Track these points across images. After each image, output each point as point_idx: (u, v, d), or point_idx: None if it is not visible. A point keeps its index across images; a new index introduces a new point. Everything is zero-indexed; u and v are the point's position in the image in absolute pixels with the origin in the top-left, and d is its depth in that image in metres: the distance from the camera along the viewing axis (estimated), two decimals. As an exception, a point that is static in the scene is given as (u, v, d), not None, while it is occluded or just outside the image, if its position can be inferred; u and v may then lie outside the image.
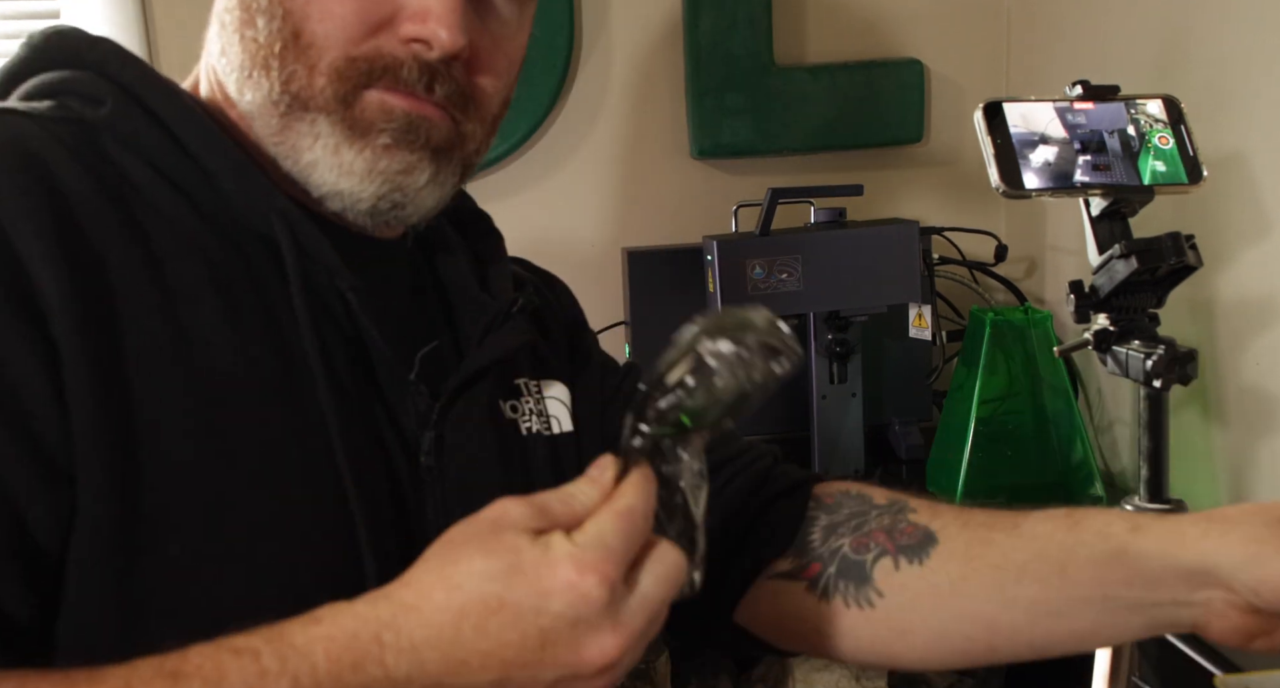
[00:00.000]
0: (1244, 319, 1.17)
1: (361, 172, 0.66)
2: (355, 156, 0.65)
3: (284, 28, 0.65)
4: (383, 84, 0.65)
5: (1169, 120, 0.98)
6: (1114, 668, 0.98)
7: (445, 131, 0.68)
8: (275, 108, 0.66)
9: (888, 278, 1.35)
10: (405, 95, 0.66)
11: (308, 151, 0.66)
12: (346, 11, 0.64)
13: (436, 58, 0.65)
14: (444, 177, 0.69)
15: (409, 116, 0.66)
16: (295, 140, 0.66)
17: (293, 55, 0.65)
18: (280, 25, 0.65)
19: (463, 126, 0.69)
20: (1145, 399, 0.95)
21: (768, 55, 1.61)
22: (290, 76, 0.65)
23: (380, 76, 0.65)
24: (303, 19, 0.65)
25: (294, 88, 0.65)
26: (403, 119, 0.66)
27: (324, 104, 0.65)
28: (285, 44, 0.65)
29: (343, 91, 0.65)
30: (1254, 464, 1.16)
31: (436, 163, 0.68)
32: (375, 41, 0.65)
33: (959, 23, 1.68)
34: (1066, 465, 1.29)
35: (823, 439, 1.43)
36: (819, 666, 1.32)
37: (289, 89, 0.65)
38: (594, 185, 1.65)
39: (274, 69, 0.65)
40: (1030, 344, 1.30)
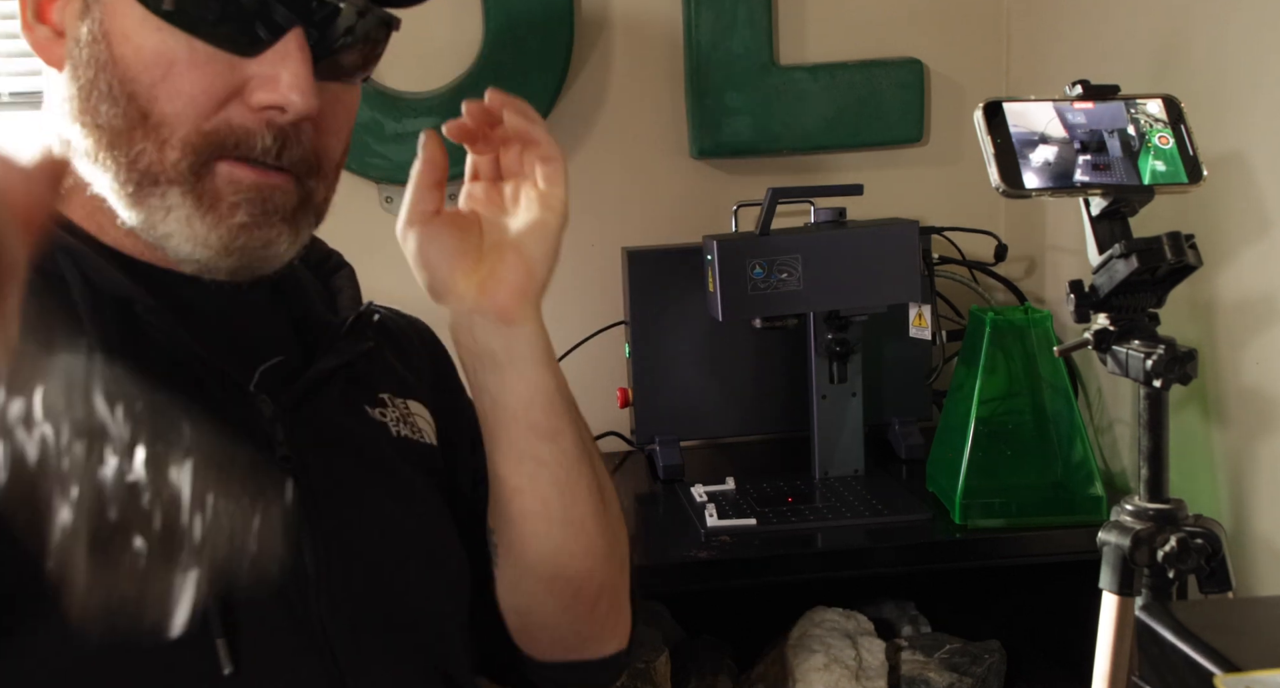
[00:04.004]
0: (1244, 319, 1.17)
1: (218, 247, 0.68)
2: (209, 231, 0.67)
3: (130, 110, 0.66)
4: (235, 154, 0.67)
5: (1169, 120, 0.98)
6: (1114, 667, 0.98)
7: (295, 197, 0.70)
8: (125, 187, 0.67)
9: (888, 278, 1.35)
10: (252, 167, 0.68)
11: (161, 224, 0.67)
12: (196, 90, 0.66)
13: (289, 122, 0.68)
14: (303, 234, 0.72)
15: (258, 188, 0.68)
16: (148, 215, 0.67)
17: (141, 134, 0.66)
18: (126, 108, 0.66)
19: (308, 186, 0.72)
20: (1145, 399, 0.95)
21: (768, 55, 1.61)
22: (139, 154, 0.66)
23: (233, 148, 0.67)
24: (150, 101, 0.66)
25: (142, 164, 0.66)
26: (252, 191, 0.68)
27: (175, 177, 0.66)
28: (134, 125, 0.66)
29: (194, 164, 0.66)
30: (1254, 464, 1.16)
31: (293, 227, 0.71)
32: (225, 114, 0.67)
33: (959, 23, 1.68)
34: (1066, 465, 1.29)
35: (823, 439, 1.43)
36: (818, 665, 1.32)
37: (137, 166, 0.66)
38: (594, 185, 1.65)
39: (118, 149, 0.67)
40: (1030, 344, 1.30)
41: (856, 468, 1.44)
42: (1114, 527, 0.96)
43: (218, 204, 0.67)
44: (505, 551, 0.82)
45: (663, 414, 1.51)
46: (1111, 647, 0.97)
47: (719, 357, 1.52)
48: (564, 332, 1.62)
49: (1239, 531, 1.17)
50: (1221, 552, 0.93)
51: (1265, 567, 1.15)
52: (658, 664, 1.34)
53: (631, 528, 1.36)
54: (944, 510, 1.30)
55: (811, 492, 1.39)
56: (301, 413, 0.73)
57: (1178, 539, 0.92)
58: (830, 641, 1.37)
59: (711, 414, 1.53)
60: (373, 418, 0.80)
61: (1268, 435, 1.14)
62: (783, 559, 1.22)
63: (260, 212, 0.68)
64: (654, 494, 1.45)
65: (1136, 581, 0.95)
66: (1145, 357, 0.92)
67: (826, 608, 1.43)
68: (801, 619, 1.41)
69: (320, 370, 0.75)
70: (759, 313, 1.35)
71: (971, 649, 1.41)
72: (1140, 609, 0.68)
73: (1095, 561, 0.97)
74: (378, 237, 1.63)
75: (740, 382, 1.53)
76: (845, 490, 1.38)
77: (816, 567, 1.25)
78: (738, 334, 1.50)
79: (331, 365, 0.76)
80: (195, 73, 0.66)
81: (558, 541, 0.81)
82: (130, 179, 0.67)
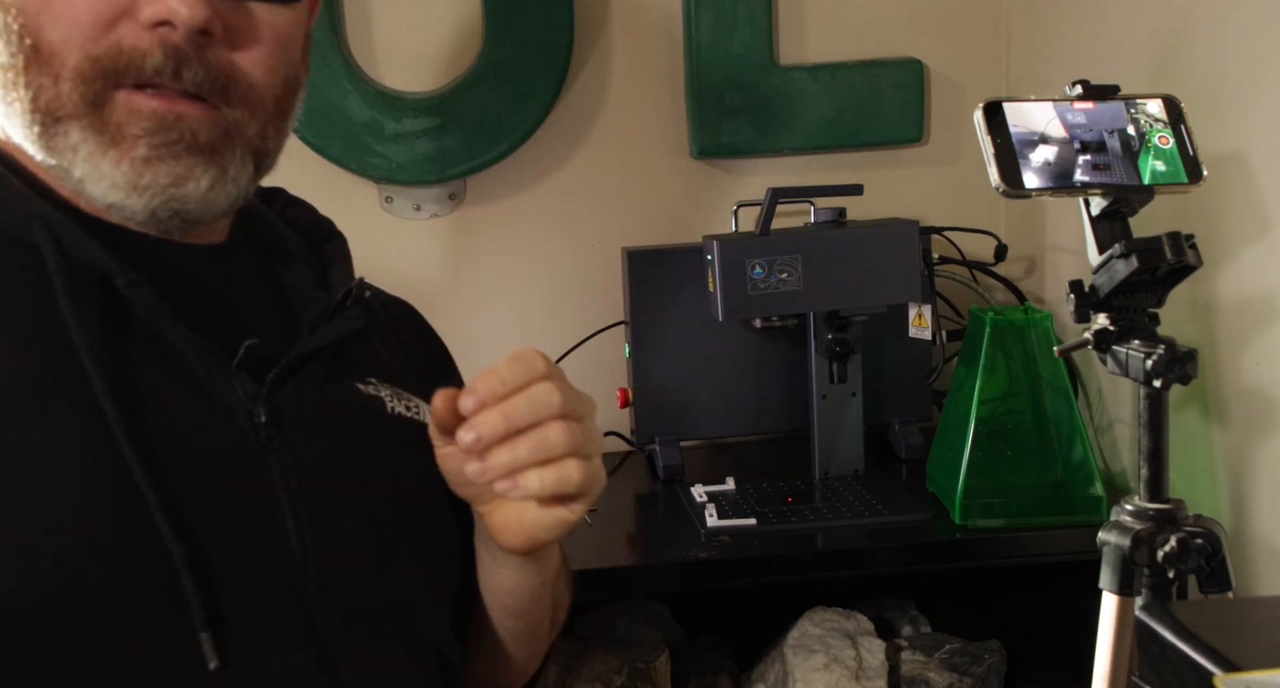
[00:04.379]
0: (1244, 319, 1.17)
1: (125, 185, 0.64)
2: (113, 168, 0.64)
3: (22, 45, 0.63)
4: (129, 80, 0.63)
5: (1169, 120, 0.98)
6: (1114, 667, 0.98)
7: (208, 126, 0.65)
8: (32, 129, 0.64)
9: (888, 278, 1.35)
10: (153, 94, 0.64)
11: (73, 167, 0.64)
12: (78, 11, 0.62)
13: (182, 37, 0.63)
14: (233, 172, 0.67)
15: (159, 117, 0.64)
16: (59, 159, 0.64)
17: (36, 69, 0.63)
18: (18, 43, 0.63)
19: (227, 114, 0.66)
20: (1145, 399, 0.95)
21: (768, 55, 1.61)
22: (38, 91, 0.63)
23: (125, 72, 0.63)
24: (37, 30, 0.63)
25: (42, 101, 0.63)
26: (153, 120, 0.63)
27: (72, 110, 0.63)
28: (28, 59, 0.63)
29: (90, 95, 0.63)
30: (1254, 464, 1.16)
31: (215, 163, 0.66)
32: (114, 36, 0.63)
33: (959, 23, 1.68)
34: (1066, 465, 1.29)
35: (823, 439, 1.43)
36: (818, 665, 1.32)
37: (38, 104, 0.63)
38: (594, 185, 1.65)
39: (21, 87, 0.63)
40: (1030, 344, 1.30)
41: (856, 468, 1.44)
42: (1114, 527, 0.96)
43: (120, 139, 0.63)
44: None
45: (663, 414, 1.51)
46: (1111, 647, 0.97)
47: (719, 357, 1.52)
48: (564, 332, 1.62)
49: (1239, 531, 1.17)
50: (1221, 552, 0.93)
51: (1265, 567, 1.15)
52: (658, 664, 1.34)
53: (632, 528, 1.36)
54: (944, 511, 1.30)
55: (811, 492, 1.39)
56: (287, 390, 0.70)
57: (1178, 539, 0.92)
58: (830, 641, 1.37)
59: (711, 414, 1.53)
60: (365, 393, 0.76)
61: (1268, 435, 1.14)
62: (783, 559, 1.22)
63: (163, 143, 0.64)
64: (654, 494, 1.45)
65: (1136, 581, 0.95)
66: (1145, 357, 0.92)
67: (826, 608, 1.43)
68: (801, 619, 1.41)
69: (307, 348, 0.72)
70: (759, 313, 1.35)
71: (971, 649, 1.41)
72: (1140, 609, 0.68)
73: (1095, 561, 0.97)
74: (378, 236, 1.64)
75: (740, 382, 1.53)
76: (845, 490, 1.38)
77: (816, 567, 1.24)
78: (738, 334, 1.50)
79: (320, 344, 0.72)
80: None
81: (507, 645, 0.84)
82: (35, 119, 0.63)
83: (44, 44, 0.62)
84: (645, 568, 1.23)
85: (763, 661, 1.42)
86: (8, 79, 0.64)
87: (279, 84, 0.70)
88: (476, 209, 1.62)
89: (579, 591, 1.03)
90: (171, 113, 0.64)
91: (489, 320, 1.65)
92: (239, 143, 0.67)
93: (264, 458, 0.67)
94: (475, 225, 1.62)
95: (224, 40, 0.66)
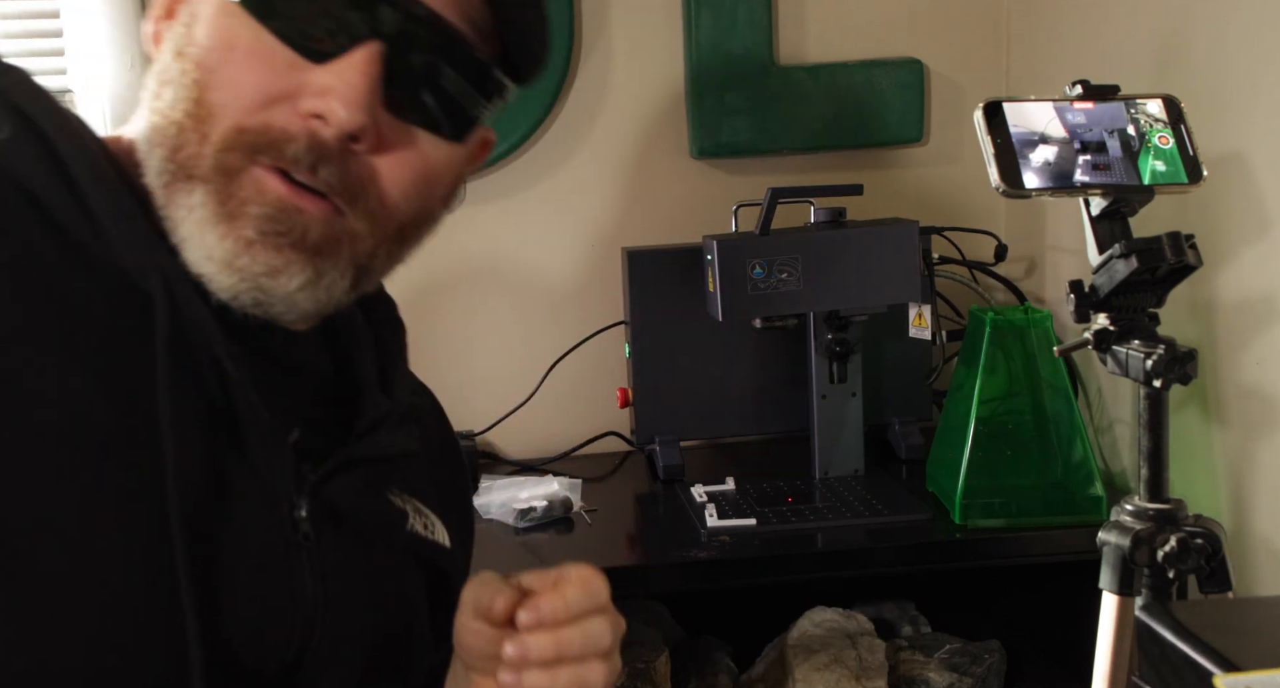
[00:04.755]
0: (1244, 319, 1.17)
1: (220, 261, 0.62)
2: (217, 241, 0.62)
3: (187, 96, 0.63)
4: (268, 158, 0.62)
5: (1169, 120, 0.98)
6: (1114, 667, 0.98)
7: (324, 227, 0.63)
8: (161, 177, 0.63)
9: (888, 278, 1.35)
10: (284, 180, 0.62)
11: (182, 224, 0.62)
12: (247, 81, 0.62)
13: (332, 136, 0.62)
14: (328, 280, 0.64)
15: (280, 204, 0.62)
16: (174, 212, 0.63)
17: (191, 124, 0.62)
18: (186, 94, 0.63)
19: (349, 222, 0.64)
20: (1145, 399, 0.95)
21: (768, 55, 1.61)
22: (182, 145, 0.62)
23: (265, 150, 0.61)
24: (205, 87, 0.62)
25: (181, 157, 0.62)
26: (273, 206, 0.62)
27: (205, 173, 0.62)
28: (187, 113, 0.62)
29: (226, 163, 0.62)
30: (1254, 464, 1.16)
31: (314, 265, 0.63)
32: (270, 113, 0.62)
33: (959, 23, 1.68)
34: (1066, 465, 1.29)
35: (823, 439, 1.43)
36: (819, 665, 1.32)
37: (177, 157, 0.62)
38: (594, 185, 1.65)
39: (171, 137, 0.63)
40: (1030, 344, 1.30)
41: (856, 468, 1.44)
42: (1114, 527, 0.96)
43: (237, 215, 0.62)
44: None
45: (663, 414, 1.51)
46: (1111, 647, 0.97)
47: (719, 357, 1.52)
48: (564, 332, 1.62)
49: (1239, 531, 1.17)
50: (1221, 552, 0.93)
51: (1265, 567, 1.15)
52: (658, 664, 1.34)
53: (632, 528, 1.36)
54: (944, 511, 1.30)
55: (811, 492, 1.39)
56: (329, 487, 0.68)
57: (1178, 539, 0.92)
58: (830, 641, 1.37)
59: (711, 414, 1.53)
60: (394, 505, 0.74)
61: (1268, 435, 1.14)
62: (783, 559, 1.22)
63: (272, 231, 0.62)
64: (654, 494, 1.45)
65: (1136, 581, 0.95)
66: (1145, 357, 0.92)
67: (826, 608, 1.43)
68: (801, 619, 1.41)
69: (358, 454, 0.69)
70: (759, 313, 1.35)
71: (971, 649, 1.41)
72: (1140, 609, 0.68)
73: (1095, 561, 0.97)
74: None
75: (740, 382, 1.53)
76: (845, 491, 1.38)
77: (816, 567, 1.24)
78: (738, 334, 1.50)
79: (371, 454, 0.70)
80: (252, 63, 0.62)
81: None
82: (167, 170, 0.63)
83: (205, 102, 0.62)
84: (645, 568, 1.23)
85: (763, 661, 1.42)
86: (163, 124, 0.63)
87: (411, 211, 0.67)
88: (477, 209, 1.62)
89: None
90: (293, 204, 0.62)
91: (489, 320, 1.65)
92: (347, 253, 0.65)
93: (296, 555, 0.66)
94: (475, 225, 1.62)
95: (373, 150, 0.64)
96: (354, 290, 0.68)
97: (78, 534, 0.57)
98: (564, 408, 1.65)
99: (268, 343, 0.69)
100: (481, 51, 0.67)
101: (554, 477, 1.44)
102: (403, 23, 0.63)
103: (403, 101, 0.65)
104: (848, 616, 1.42)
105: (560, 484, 1.39)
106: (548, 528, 1.32)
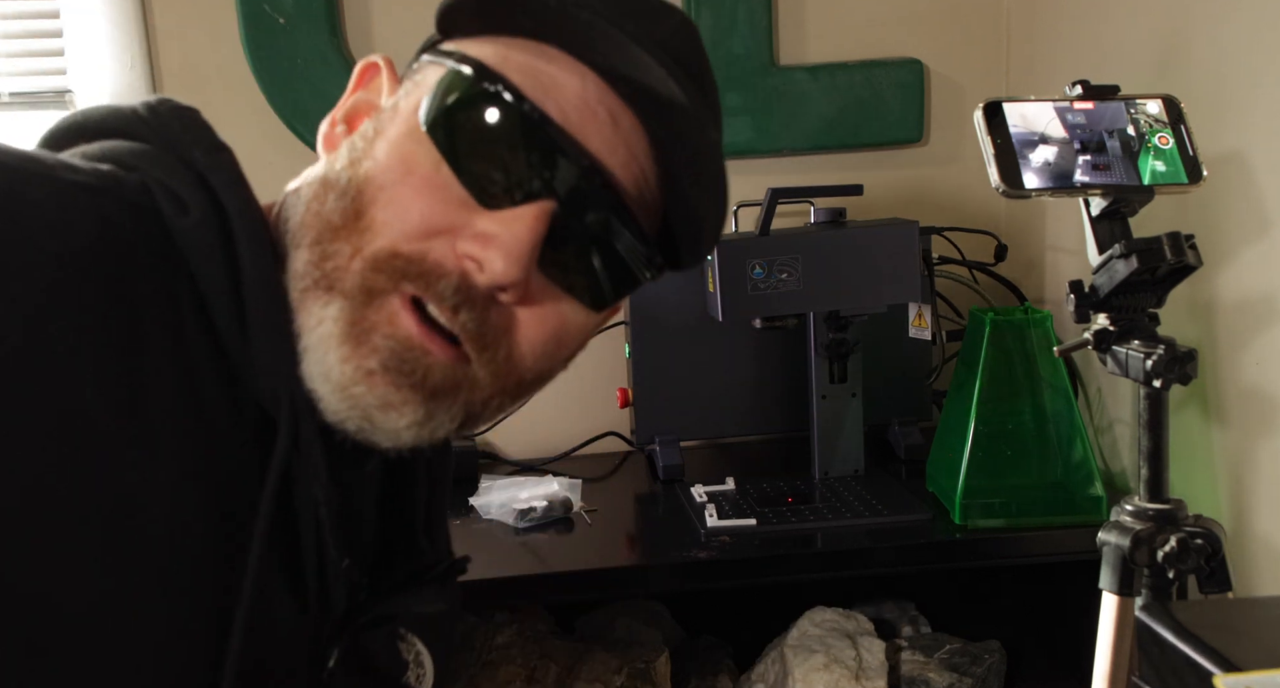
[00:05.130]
0: (1244, 319, 1.17)
1: (337, 383, 0.60)
2: (338, 363, 0.60)
3: (351, 206, 0.61)
4: (414, 287, 0.60)
5: (1169, 120, 0.98)
6: (1114, 667, 0.98)
7: (446, 372, 0.62)
8: (298, 283, 0.61)
9: (888, 278, 1.35)
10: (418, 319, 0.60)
11: (306, 334, 0.61)
12: (415, 207, 0.61)
13: (484, 284, 0.60)
14: (437, 421, 0.63)
15: (409, 342, 0.60)
16: (304, 318, 0.61)
17: (345, 234, 0.61)
18: (350, 203, 0.61)
19: (473, 370, 0.63)
20: (1145, 399, 0.95)
21: (768, 55, 1.61)
22: (331, 254, 0.61)
23: (415, 278, 0.60)
24: (369, 203, 0.61)
25: (329, 266, 0.61)
26: (401, 342, 0.60)
27: (347, 288, 0.60)
28: (345, 222, 0.61)
29: (371, 282, 0.60)
30: (1254, 464, 1.16)
31: (427, 406, 0.62)
32: (428, 244, 0.60)
33: (959, 23, 1.68)
34: (1066, 465, 1.29)
35: (823, 439, 1.43)
36: (818, 665, 1.32)
37: (323, 265, 0.61)
38: (594, 185, 1.64)
39: (323, 243, 0.61)
40: (1030, 344, 1.30)
41: (856, 468, 1.44)
42: (1114, 527, 0.96)
43: (363, 340, 0.60)
44: None
45: (663, 414, 1.51)
46: (1111, 647, 0.97)
47: (719, 357, 1.52)
48: (564, 332, 1.62)
49: (1239, 531, 1.17)
50: (1221, 552, 0.93)
51: (1265, 567, 1.15)
52: (658, 664, 1.34)
53: (632, 528, 1.36)
54: (944, 511, 1.30)
55: (811, 492, 1.39)
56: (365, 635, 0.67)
57: (1178, 539, 0.92)
58: (830, 641, 1.37)
59: (711, 414, 1.53)
60: (401, 654, 0.74)
61: (1268, 435, 1.14)
62: (783, 559, 1.22)
63: (395, 367, 0.60)
64: (654, 494, 1.45)
65: (1136, 581, 0.95)
66: (1145, 357, 0.92)
67: (826, 608, 1.43)
68: (801, 619, 1.41)
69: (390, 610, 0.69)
70: (759, 313, 1.35)
71: (971, 649, 1.41)
72: (1140, 609, 0.68)
73: (1095, 561, 0.97)
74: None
75: (740, 382, 1.53)
76: (845, 491, 1.38)
77: (816, 567, 1.24)
78: (738, 334, 1.50)
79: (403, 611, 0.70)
80: (425, 191, 0.61)
81: None
82: (309, 274, 0.61)
83: (368, 216, 0.61)
84: (645, 568, 1.23)
85: (763, 661, 1.42)
86: (314, 230, 0.62)
87: (536, 370, 0.66)
88: (476, 209, 1.61)
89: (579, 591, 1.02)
90: (421, 345, 0.60)
91: (489, 320, 1.65)
92: (463, 399, 0.63)
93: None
94: (475, 225, 1.62)
95: (516, 303, 0.63)
96: (457, 433, 0.66)
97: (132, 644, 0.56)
98: (564, 408, 1.65)
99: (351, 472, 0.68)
100: (648, 229, 0.66)
101: (554, 477, 1.44)
102: (580, 188, 0.62)
103: (559, 265, 0.63)
104: (848, 616, 1.42)
105: (560, 484, 1.39)
106: (548, 528, 1.32)
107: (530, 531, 1.32)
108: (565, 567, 1.21)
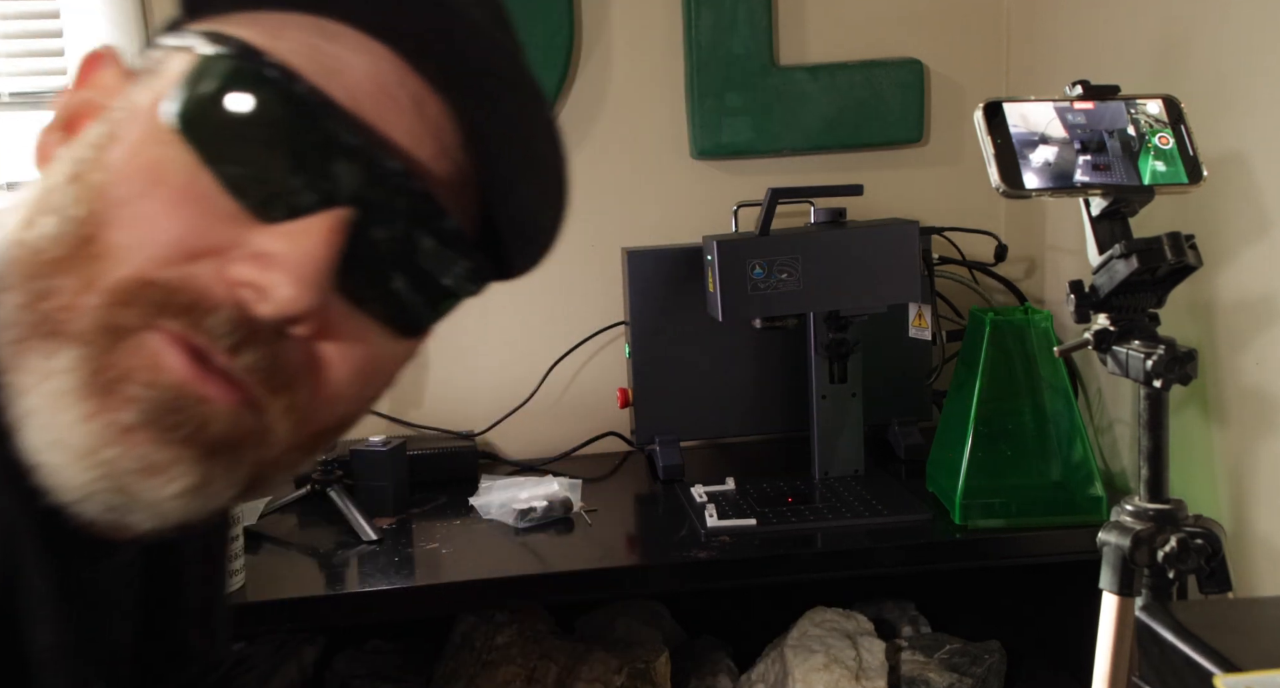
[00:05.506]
0: (1244, 319, 1.17)
1: (78, 447, 0.46)
2: (77, 423, 0.46)
3: (73, 228, 0.47)
4: (176, 325, 0.46)
5: (1169, 120, 0.98)
6: (1114, 667, 0.98)
7: (229, 422, 0.48)
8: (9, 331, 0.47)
9: (888, 278, 1.35)
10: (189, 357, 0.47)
11: (27, 395, 0.46)
12: (165, 223, 0.47)
13: (269, 315, 0.47)
14: (216, 488, 0.48)
15: (177, 390, 0.46)
16: (19, 377, 0.47)
17: (69, 265, 0.47)
18: (71, 224, 0.47)
19: (262, 418, 0.49)
20: (1145, 399, 0.95)
21: (768, 55, 1.61)
22: (51, 291, 0.47)
23: (176, 314, 0.46)
24: (103, 224, 0.47)
25: (49, 305, 0.46)
26: (166, 390, 0.46)
27: (81, 331, 0.46)
28: (69, 251, 0.47)
29: (115, 319, 0.46)
30: (1254, 464, 1.16)
31: (206, 467, 0.47)
32: (189, 269, 0.47)
33: (959, 23, 1.68)
34: (1066, 465, 1.29)
35: (823, 439, 1.43)
36: (818, 665, 1.32)
37: (39, 306, 0.47)
38: (594, 185, 1.65)
39: (37, 279, 0.47)
40: (1030, 344, 1.30)
41: (856, 468, 1.44)
42: (1114, 527, 0.96)
43: (114, 389, 0.46)
44: None
45: (663, 414, 1.51)
46: (1111, 647, 0.97)
47: (719, 357, 1.52)
48: (564, 332, 1.62)
49: (1239, 531, 1.17)
50: (1221, 552, 0.93)
51: (1265, 567, 1.15)
52: (658, 664, 1.34)
53: (632, 528, 1.36)
54: (944, 511, 1.30)
55: (811, 492, 1.39)
56: None
57: (1178, 539, 0.92)
58: (830, 641, 1.37)
59: (711, 414, 1.53)
60: None
61: (1268, 436, 1.14)
62: (783, 559, 1.22)
63: (160, 420, 0.46)
64: (654, 494, 1.45)
65: (1136, 581, 0.95)
66: (1145, 357, 0.92)
67: (826, 608, 1.43)
68: (801, 619, 1.41)
69: None
70: (759, 313, 1.35)
71: (971, 649, 1.41)
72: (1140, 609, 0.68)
73: (1095, 561, 0.97)
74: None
75: (740, 382, 1.53)
76: (845, 491, 1.38)
77: (816, 567, 1.24)
78: (738, 334, 1.50)
79: None
80: (179, 204, 0.47)
81: None
82: (19, 321, 0.47)
83: (101, 239, 0.47)
84: (645, 568, 1.23)
85: (762, 661, 1.42)
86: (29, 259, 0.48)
87: (339, 415, 0.53)
88: (476, 209, 1.62)
89: (579, 591, 1.02)
90: (195, 392, 0.47)
91: (489, 321, 1.65)
92: (248, 458, 0.49)
93: None
94: (475, 225, 1.62)
95: (313, 337, 0.50)
96: (236, 502, 0.52)
97: None
98: (564, 408, 1.65)
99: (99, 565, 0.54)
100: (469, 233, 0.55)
101: (554, 477, 1.44)
102: (382, 190, 0.49)
103: (363, 288, 0.51)
104: (848, 616, 1.42)
105: (560, 484, 1.39)
106: (548, 528, 1.32)
107: (530, 531, 1.32)
108: (565, 567, 1.21)
